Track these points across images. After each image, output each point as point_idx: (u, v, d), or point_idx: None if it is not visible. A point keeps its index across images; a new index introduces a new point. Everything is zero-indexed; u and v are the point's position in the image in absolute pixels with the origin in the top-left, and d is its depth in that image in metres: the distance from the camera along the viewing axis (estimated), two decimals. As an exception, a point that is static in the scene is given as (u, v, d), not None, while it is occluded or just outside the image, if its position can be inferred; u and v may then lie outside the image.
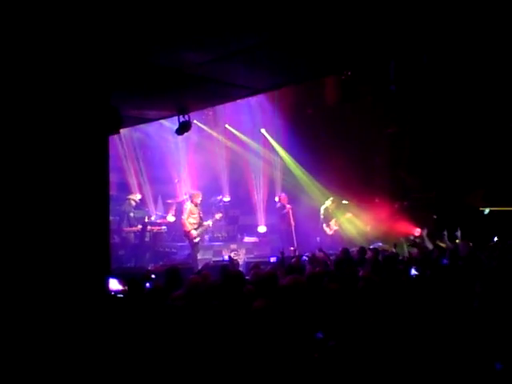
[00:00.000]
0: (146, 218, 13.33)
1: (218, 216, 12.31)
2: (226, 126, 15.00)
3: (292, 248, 11.56)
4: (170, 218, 13.61)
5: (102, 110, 4.30)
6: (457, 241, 11.38)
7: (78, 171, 4.11)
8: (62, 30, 3.95)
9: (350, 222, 14.50)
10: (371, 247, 10.70)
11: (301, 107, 15.15)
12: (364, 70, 8.49)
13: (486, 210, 15.75)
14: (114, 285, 5.40)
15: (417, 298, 5.62)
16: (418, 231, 14.60)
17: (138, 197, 13.51)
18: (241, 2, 3.70)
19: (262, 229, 13.67)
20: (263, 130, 15.42)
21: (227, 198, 14.66)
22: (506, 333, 4.77)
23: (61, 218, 4.06)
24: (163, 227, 13.19)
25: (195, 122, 11.22)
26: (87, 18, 3.89)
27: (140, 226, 12.82)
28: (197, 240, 11.55)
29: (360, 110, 14.14)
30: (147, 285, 5.42)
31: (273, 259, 8.83)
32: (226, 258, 8.66)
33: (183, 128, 7.68)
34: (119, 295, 5.21)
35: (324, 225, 13.83)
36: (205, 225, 11.80)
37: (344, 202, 14.72)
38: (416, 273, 6.88)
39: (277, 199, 14.00)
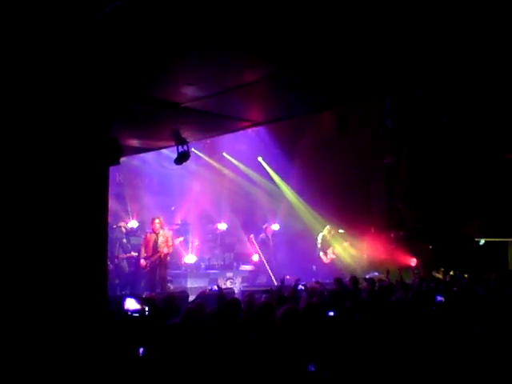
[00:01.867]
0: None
1: (177, 241, 11.66)
2: (224, 154, 15.10)
3: (288, 277, 11.47)
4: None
5: (102, 142, 4.40)
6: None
7: (79, 201, 4.18)
8: (64, 65, 4.06)
9: (346, 251, 14.50)
10: (367, 277, 10.69)
11: (297, 136, 15.28)
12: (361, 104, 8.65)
13: (482, 241, 15.80)
14: (132, 304, 5.41)
15: (412, 329, 5.62)
16: (413, 261, 14.63)
17: (135, 224, 13.46)
18: (239, 42, 3.81)
19: (255, 257, 13.59)
20: (260, 159, 15.53)
21: (224, 226, 14.63)
22: (505, 366, 4.76)
23: (61, 246, 4.11)
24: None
25: (193, 150, 11.20)
26: (89, 55, 4.00)
27: (135, 254, 12.67)
28: (147, 269, 10.94)
29: (356, 141, 14.26)
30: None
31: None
32: (215, 287, 8.39)
33: (182, 158, 7.67)
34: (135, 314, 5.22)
35: (321, 253, 13.79)
36: (159, 251, 10.86)
37: (340, 230, 14.75)
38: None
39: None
